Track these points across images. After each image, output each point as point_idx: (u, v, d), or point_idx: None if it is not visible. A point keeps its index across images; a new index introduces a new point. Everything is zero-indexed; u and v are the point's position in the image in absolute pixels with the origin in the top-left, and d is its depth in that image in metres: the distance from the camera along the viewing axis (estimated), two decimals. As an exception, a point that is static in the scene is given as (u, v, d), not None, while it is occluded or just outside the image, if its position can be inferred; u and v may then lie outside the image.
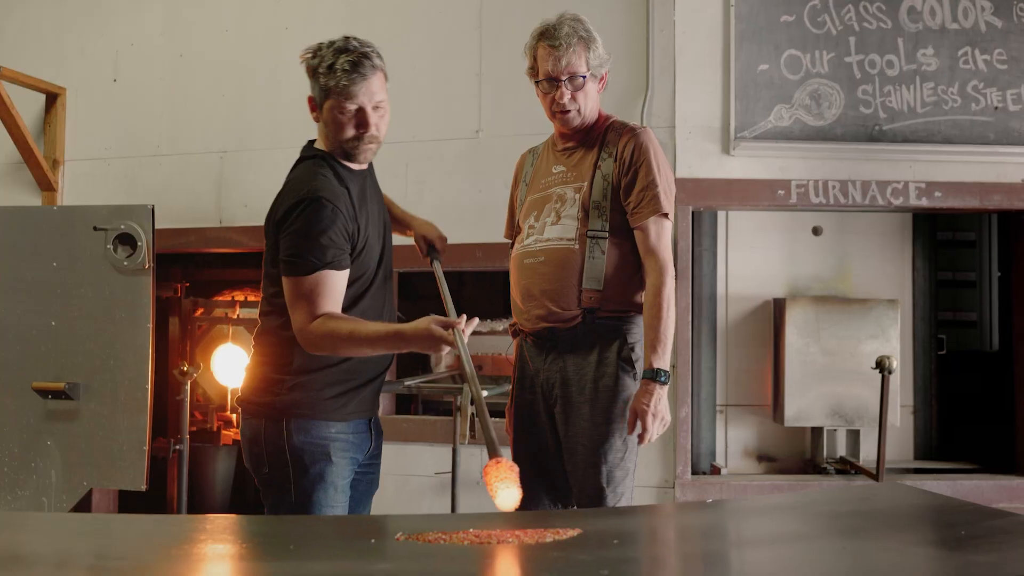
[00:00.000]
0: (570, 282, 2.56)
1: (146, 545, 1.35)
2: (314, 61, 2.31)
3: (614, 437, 2.53)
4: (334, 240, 2.26)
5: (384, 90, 2.34)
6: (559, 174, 2.68)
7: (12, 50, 4.87)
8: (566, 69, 2.55)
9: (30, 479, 4.40)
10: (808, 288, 4.38)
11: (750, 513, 1.73)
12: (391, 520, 1.71)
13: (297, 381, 2.34)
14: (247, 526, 1.64)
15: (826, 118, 4.02)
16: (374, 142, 2.36)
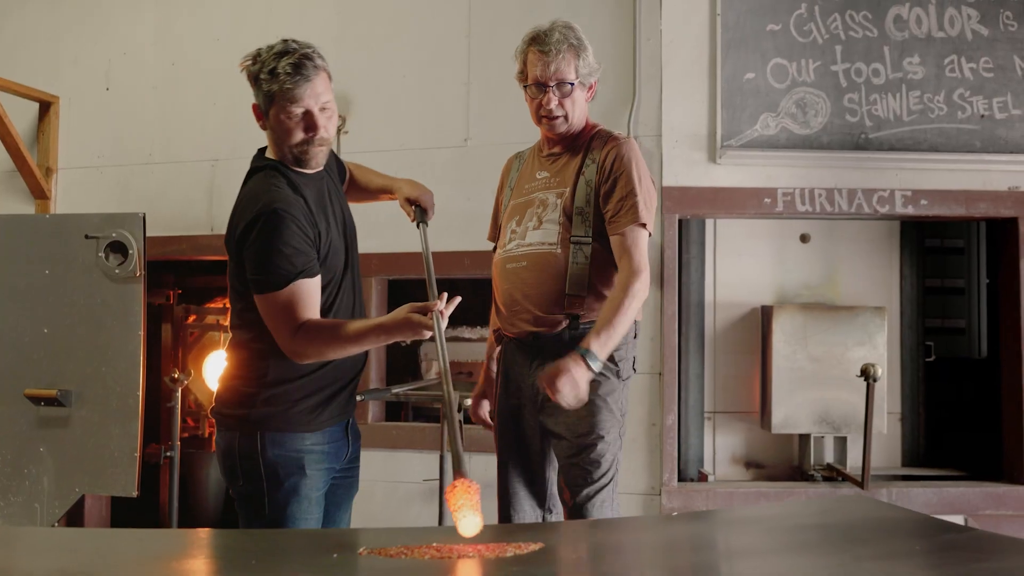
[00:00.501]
0: (553, 287, 2.57)
1: (101, 561, 1.37)
2: (255, 67, 2.27)
3: (600, 444, 2.54)
4: (299, 249, 2.24)
5: (329, 91, 2.32)
6: (543, 180, 2.69)
7: (6, 59, 4.91)
8: (554, 75, 2.56)
9: (23, 485, 4.43)
10: (796, 295, 4.40)
11: (711, 527, 1.74)
12: (357, 534, 1.73)
13: (270, 394, 2.34)
14: (212, 540, 1.66)
15: (812, 126, 4.04)
16: (324, 144, 2.34)
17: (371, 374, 4.39)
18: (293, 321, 2.24)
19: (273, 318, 2.27)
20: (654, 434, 4.02)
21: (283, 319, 2.25)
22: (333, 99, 2.34)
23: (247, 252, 2.28)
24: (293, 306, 2.24)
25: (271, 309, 2.26)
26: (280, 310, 2.25)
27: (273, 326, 2.27)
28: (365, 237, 4.35)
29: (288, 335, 2.25)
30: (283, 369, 2.34)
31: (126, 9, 4.82)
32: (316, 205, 2.35)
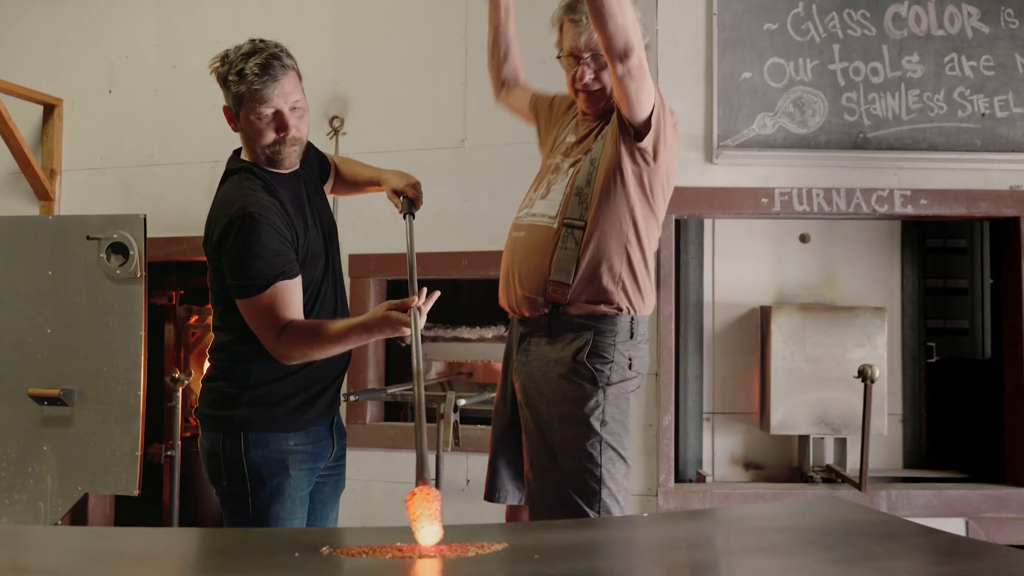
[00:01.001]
0: (538, 267, 2.43)
1: (55, 558, 1.39)
2: (223, 69, 2.27)
3: (569, 444, 2.36)
4: (276, 251, 2.23)
5: (299, 90, 2.30)
6: (567, 144, 2.56)
7: (10, 62, 4.96)
8: (588, 46, 2.38)
9: (27, 484, 4.48)
10: (795, 296, 4.38)
11: (678, 527, 1.74)
12: (321, 534, 1.74)
13: (253, 395, 2.34)
14: (176, 539, 1.67)
15: (810, 126, 4.02)
16: (296, 144, 2.32)
17: (369, 374, 4.41)
18: (276, 323, 2.24)
19: (256, 322, 2.27)
20: (650, 435, 4.01)
21: (266, 322, 2.25)
22: (304, 98, 2.33)
23: (225, 258, 2.28)
24: (275, 309, 2.24)
25: (253, 313, 2.26)
26: (263, 314, 2.24)
27: (257, 329, 2.27)
28: (363, 237, 4.42)
29: (273, 337, 2.25)
30: (265, 370, 2.34)
31: (127, 12, 4.86)
32: (293, 206, 2.35)
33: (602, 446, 2.38)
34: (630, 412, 2.45)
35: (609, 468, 2.37)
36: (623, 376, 2.41)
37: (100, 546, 1.56)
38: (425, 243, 4.27)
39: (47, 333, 4.47)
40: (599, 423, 2.37)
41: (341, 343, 2.26)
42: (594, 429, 2.37)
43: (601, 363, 2.39)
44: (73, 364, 4.40)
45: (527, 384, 2.46)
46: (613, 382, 2.40)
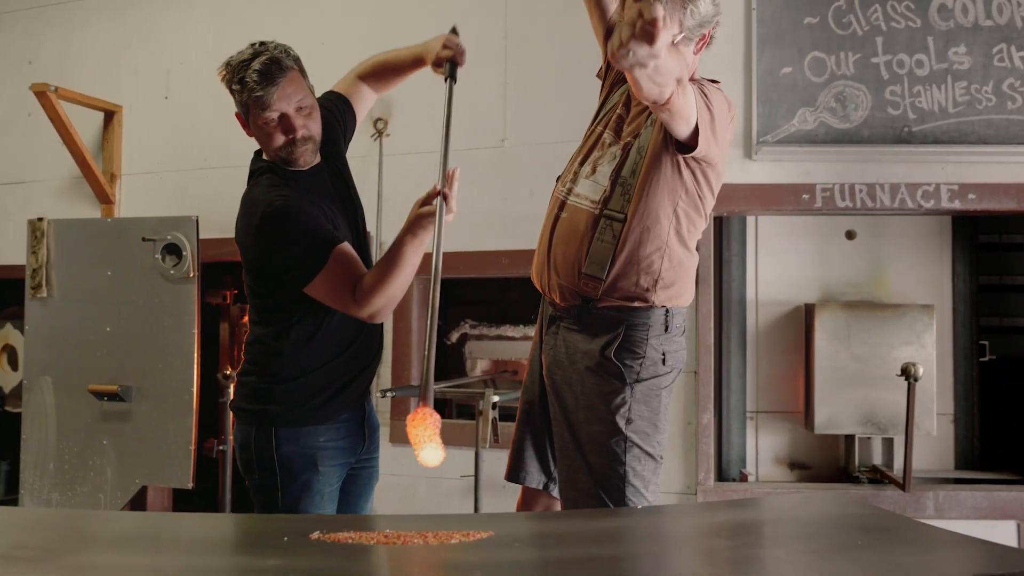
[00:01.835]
0: (575, 257, 2.33)
1: (49, 536, 1.46)
2: (227, 77, 2.31)
3: (592, 439, 2.30)
4: (317, 226, 2.27)
5: (303, 89, 2.33)
6: (619, 118, 2.41)
7: (73, 71, 5.16)
8: None
9: (88, 476, 4.67)
10: (842, 293, 4.31)
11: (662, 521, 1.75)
12: (316, 521, 1.79)
13: (284, 389, 2.40)
14: (179, 523, 1.74)
15: (852, 120, 3.95)
16: (308, 143, 2.35)
17: (412, 370, 4.48)
18: (349, 289, 2.27)
19: (331, 297, 2.30)
20: (690, 433, 3.99)
21: (340, 292, 2.27)
22: (309, 94, 2.35)
23: (273, 258, 2.32)
24: (342, 276, 2.27)
25: (324, 290, 2.28)
26: (333, 286, 2.27)
27: (335, 303, 2.31)
28: (406, 237, 4.47)
29: (352, 303, 2.28)
30: (296, 365, 2.40)
31: (182, 21, 5.02)
32: (319, 198, 2.40)
33: (627, 444, 2.31)
34: (661, 408, 2.36)
35: (634, 466, 2.31)
36: (654, 372, 2.33)
37: (84, 528, 1.64)
38: (466, 242, 4.36)
39: (107, 331, 4.64)
40: (624, 421, 2.30)
41: (402, 262, 2.25)
42: (619, 427, 2.30)
43: (631, 358, 2.30)
44: (131, 361, 4.57)
45: (553, 369, 2.40)
46: (643, 378, 2.31)
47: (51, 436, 4.73)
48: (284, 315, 2.40)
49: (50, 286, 4.72)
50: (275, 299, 2.42)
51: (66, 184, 5.19)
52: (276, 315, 2.41)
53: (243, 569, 1.37)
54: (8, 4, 5.43)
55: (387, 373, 4.49)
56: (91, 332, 4.65)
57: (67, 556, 1.38)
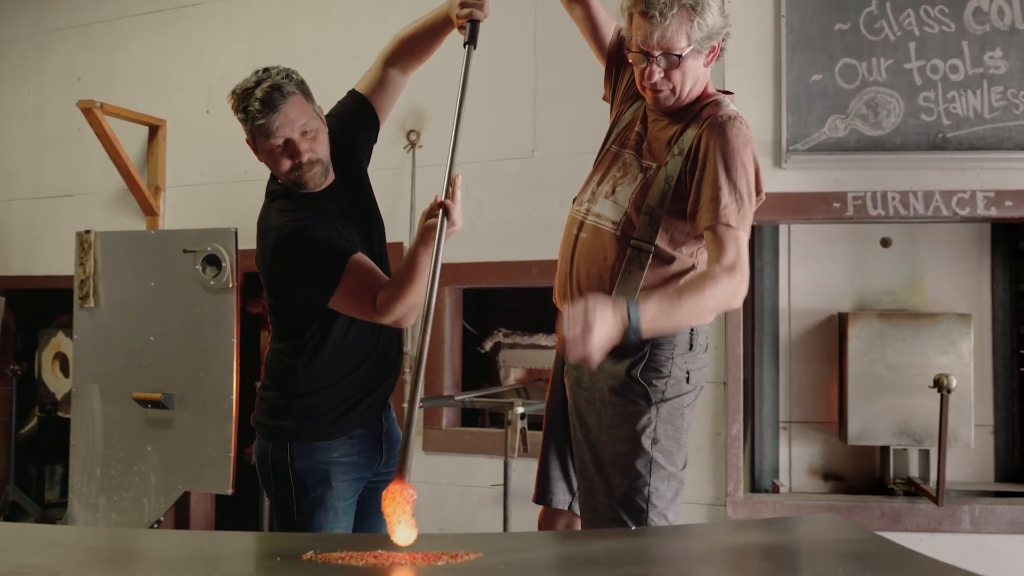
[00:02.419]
0: (599, 283, 2.30)
1: (45, 555, 1.52)
2: (234, 106, 2.33)
3: (616, 461, 2.29)
4: (329, 240, 2.31)
5: (306, 112, 2.33)
6: (637, 137, 2.38)
7: (120, 87, 5.32)
8: (659, 44, 2.15)
9: (132, 481, 4.80)
10: (877, 302, 4.24)
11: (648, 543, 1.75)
12: (311, 540, 1.83)
13: (300, 405, 2.45)
14: (177, 540, 1.80)
15: (884, 127, 3.90)
16: (315, 165, 2.36)
17: (445, 380, 4.53)
18: (370, 298, 2.28)
19: (354, 308, 2.32)
20: (719, 444, 3.97)
21: (362, 302, 2.29)
22: (314, 117, 2.36)
23: (291, 280, 2.38)
24: (360, 286, 2.29)
25: (346, 302, 2.31)
26: (353, 297, 2.29)
27: (360, 314, 2.33)
28: (438, 247, 4.52)
29: (374, 311, 2.29)
30: (310, 382, 2.45)
31: (223, 36, 5.14)
32: (333, 218, 2.42)
33: (652, 465, 2.30)
34: (684, 427, 2.35)
35: (658, 486, 2.30)
36: (679, 391, 2.32)
37: (77, 545, 1.70)
38: (496, 252, 4.39)
39: (150, 340, 4.77)
40: (650, 441, 2.29)
41: (418, 271, 2.23)
42: (644, 448, 2.28)
43: (657, 378, 2.29)
44: (173, 370, 4.69)
45: (576, 391, 2.39)
46: (668, 398, 2.30)
47: (98, 442, 4.87)
48: (299, 333, 2.45)
49: (97, 296, 4.87)
50: (291, 318, 2.47)
51: (114, 197, 5.34)
52: (291, 333, 2.47)
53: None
54: (58, 22, 5.61)
55: (420, 383, 4.53)
56: (136, 341, 4.78)
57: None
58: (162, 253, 4.72)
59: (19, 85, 5.73)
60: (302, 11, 4.95)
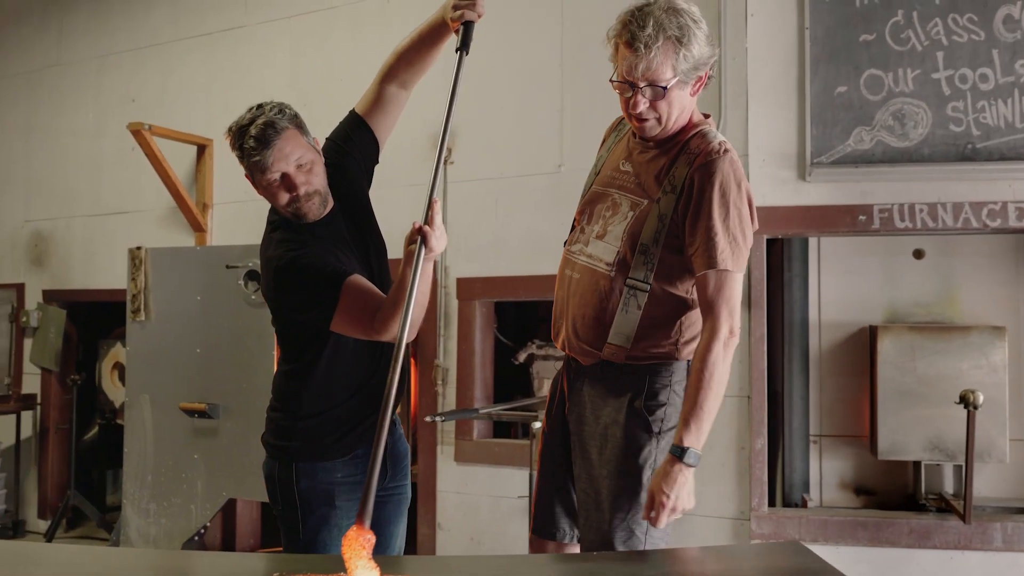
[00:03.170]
0: (595, 324, 2.33)
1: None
2: (231, 143, 2.41)
3: (618, 494, 2.31)
4: (325, 265, 2.35)
5: (301, 146, 2.39)
6: (625, 173, 2.38)
7: (170, 109, 5.53)
8: (644, 75, 2.17)
9: (180, 488, 4.98)
10: (910, 314, 4.18)
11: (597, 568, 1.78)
12: (282, 560, 1.91)
13: (304, 427, 2.52)
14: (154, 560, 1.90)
15: (912, 138, 3.84)
16: (312, 197, 2.42)
17: (476, 392, 4.60)
18: (368, 317, 2.32)
19: (353, 329, 2.37)
20: (743, 458, 3.96)
21: (360, 322, 2.33)
22: (309, 149, 2.42)
23: (292, 307, 2.44)
24: (357, 308, 2.33)
25: (345, 325, 2.36)
26: (352, 318, 2.34)
27: (357, 333, 2.38)
28: (467, 261, 4.62)
29: (373, 331, 2.33)
30: (312, 404, 2.53)
31: (265, 56, 5.30)
32: (332, 245, 2.48)
33: None
34: None
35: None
36: (676, 419, 2.32)
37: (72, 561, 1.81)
38: (525, 266, 4.45)
39: (196, 353, 4.96)
40: (650, 472, 2.31)
41: (403, 288, 2.20)
42: (643, 481, 2.31)
43: (657, 407, 2.32)
44: (218, 381, 4.87)
45: (578, 426, 2.41)
46: (667, 428, 2.33)
47: (149, 450, 5.08)
48: (302, 357, 2.54)
49: (148, 310, 5.07)
50: (294, 343, 2.56)
51: (165, 213, 5.55)
52: (295, 357, 2.56)
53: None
54: (114, 47, 5.86)
55: (452, 394, 4.62)
56: (183, 353, 4.97)
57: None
58: (207, 269, 4.90)
59: (79, 107, 6.00)
60: (339, 31, 5.08)
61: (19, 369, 6.20)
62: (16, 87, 6.32)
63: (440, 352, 4.65)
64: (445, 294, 4.66)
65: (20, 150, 6.28)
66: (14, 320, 6.20)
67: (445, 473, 4.61)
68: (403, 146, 4.31)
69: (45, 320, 6.04)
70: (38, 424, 6.17)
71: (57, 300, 6.09)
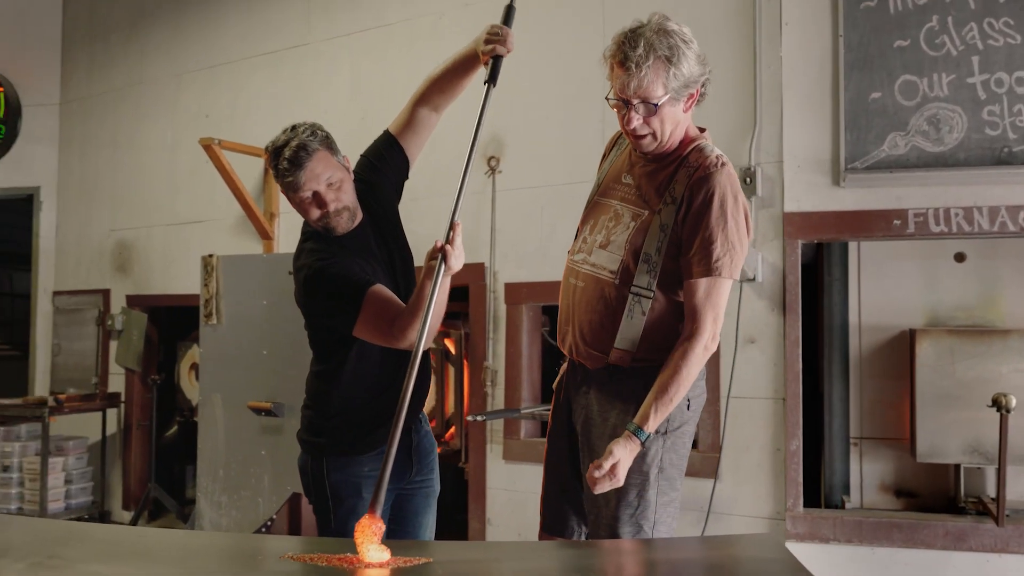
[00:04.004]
0: (601, 330, 2.44)
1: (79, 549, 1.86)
2: (269, 162, 2.61)
3: (627, 491, 2.41)
4: (349, 274, 2.55)
5: (331, 165, 2.58)
6: (626, 186, 2.51)
7: (243, 121, 5.86)
8: (636, 93, 2.30)
9: (249, 483, 5.28)
10: (951, 317, 4.19)
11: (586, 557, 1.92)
12: (292, 542, 2.11)
13: (334, 423, 2.73)
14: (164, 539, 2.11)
15: (947, 143, 3.86)
16: (341, 213, 2.61)
17: (523, 392, 4.76)
18: (387, 325, 2.52)
19: (373, 335, 2.57)
20: (778, 460, 4.04)
21: (381, 329, 2.53)
22: (339, 168, 2.61)
23: (319, 313, 2.66)
24: (377, 315, 2.53)
25: (366, 330, 2.56)
26: (372, 325, 2.54)
27: (377, 340, 2.58)
28: (516, 267, 4.80)
29: (392, 338, 2.53)
30: (340, 402, 2.74)
31: (327, 73, 5.57)
32: (359, 255, 2.68)
33: (658, 492, 2.46)
34: (686, 452, 2.53)
35: (661, 511, 2.47)
36: (682, 420, 2.47)
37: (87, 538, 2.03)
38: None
39: (263, 354, 5.24)
40: (657, 471, 2.45)
41: (421, 300, 2.41)
42: (651, 478, 2.44)
43: None
44: (283, 381, 5.13)
45: (585, 428, 2.52)
46: (673, 428, 2.45)
47: (220, 446, 5.38)
48: (330, 359, 2.75)
49: (219, 314, 5.38)
50: (323, 346, 2.77)
51: (235, 223, 5.87)
52: (324, 358, 2.77)
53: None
54: (189, 65, 6.22)
55: (500, 395, 4.80)
56: (251, 355, 5.26)
57: (82, 565, 1.78)
58: (273, 275, 5.17)
59: (157, 122, 6.38)
60: (395, 47, 5.32)
61: (105, 369, 6.63)
62: (103, 104, 6.75)
63: (489, 354, 4.83)
64: (494, 298, 4.84)
65: (106, 164, 6.71)
66: (101, 323, 6.62)
67: (494, 471, 4.79)
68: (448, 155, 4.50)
69: (128, 323, 6.44)
70: (122, 421, 6.57)
71: (139, 304, 6.49)
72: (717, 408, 4.16)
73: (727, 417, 4.15)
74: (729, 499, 4.12)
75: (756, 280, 4.10)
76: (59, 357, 6.93)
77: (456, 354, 5.26)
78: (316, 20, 5.64)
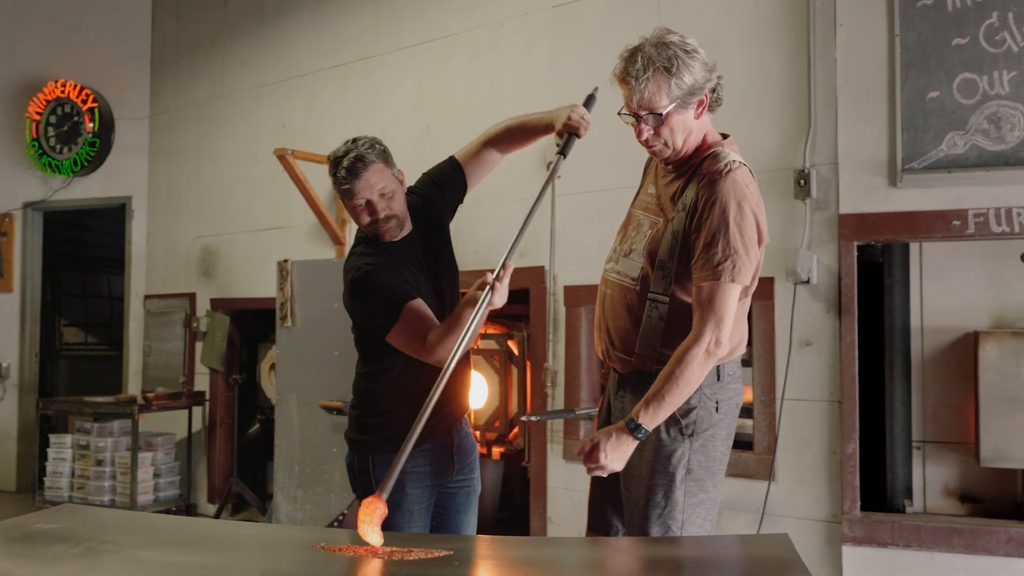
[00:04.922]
0: (628, 335, 2.52)
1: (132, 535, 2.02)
2: (329, 170, 2.78)
3: (654, 492, 2.49)
4: (392, 285, 2.70)
5: (385, 177, 2.74)
6: (650, 196, 2.61)
7: (316, 131, 6.08)
8: (641, 105, 2.41)
9: (322, 479, 5.48)
10: (1018, 319, 4.09)
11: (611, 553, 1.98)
12: (325, 533, 2.23)
13: (377, 422, 2.88)
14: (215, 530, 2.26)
15: (1008, 141, 3.79)
16: (391, 220, 2.76)
17: (582, 393, 4.83)
18: (420, 339, 2.67)
19: (406, 346, 2.73)
20: (835, 463, 4.02)
21: (414, 342, 2.68)
22: (392, 180, 2.76)
23: (361, 313, 2.83)
24: (412, 328, 2.69)
25: (400, 340, 2.72)
26: (407, 337, 2.70)
27: (409, 350, 2.73)
28: (576, 270, 4.89)
29: (422, 350, 2.68)
30: (385, 402, 2.89)
31: (393, 85, 5.74)
32: (405, 264, 2.82)
33: (686, 495, 2.51)
34: (718, 456, 2.54)
35: (690, 514, 2.52)
36: (709, 422, 2.51)
37: (144, 527, 2.19)
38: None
39: (334, 355, 5.43)
40: (684, 472, 2.50)
41: (461, 324, 2.55)
42: (679, 480, 2.49)
43: (688, 410, 2.47)
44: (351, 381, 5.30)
45: None
46: (700, 430, 2.49)
47: (296, 443, 5.60)
48: (376, 360, 2.89)
49: (294, 317, 5.60)
50: (369, 347, 2.91)
51: (310, 229, 6.10)
52: (370, 360, 2.91)
53: (226, 566, 1.84)
54: (267, 78, 6.47)
55: (560, 395, 4.88)
56: (323, 356, 5.46)
57: (131, 551, 1.94)
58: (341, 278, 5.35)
59: (237, 133, 6.66)
60: (457, 56, 5.45)
61: (192, 369, 6.95)
62: (188, 117, 7.08)
63: (549, 355, 4.92)
64: (553, 301, 4.92)
65: (191, 174, 7.04)
66: (187, 325, 6.95)
67: (554, 470, 4.87)
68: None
69: (212, 326, 6.74)
70: (207, 419, 6.88)
71: (222, 308, 6.79)
72: (772, 410, 4.17)
73: (782, 419, 4.15)
74: (784, 501, 4.12)
75: (811, 282, 4.09)
76: (150, 357, 7.29)
77: (519, 355, 5.37)
78: (384, 32, 5.82)
